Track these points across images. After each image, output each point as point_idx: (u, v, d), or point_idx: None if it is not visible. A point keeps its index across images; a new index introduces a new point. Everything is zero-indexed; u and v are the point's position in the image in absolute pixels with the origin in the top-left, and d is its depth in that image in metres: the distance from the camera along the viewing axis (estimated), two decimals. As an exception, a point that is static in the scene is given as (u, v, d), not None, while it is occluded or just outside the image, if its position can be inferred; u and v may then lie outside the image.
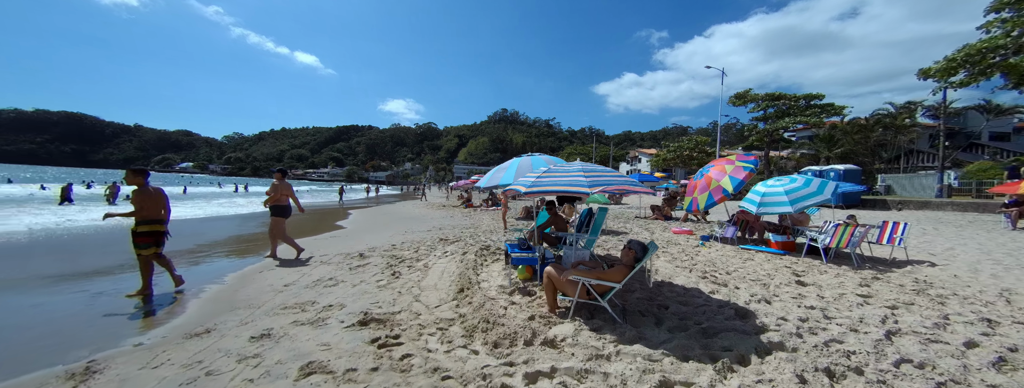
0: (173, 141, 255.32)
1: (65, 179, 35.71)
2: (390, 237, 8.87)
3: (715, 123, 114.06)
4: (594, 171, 3.60)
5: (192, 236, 8.93)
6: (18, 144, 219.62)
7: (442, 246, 7.25)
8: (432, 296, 4.06)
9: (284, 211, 6.25)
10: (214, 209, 17.01)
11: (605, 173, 3.61)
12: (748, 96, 26.74)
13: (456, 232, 9.62)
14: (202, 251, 7.16)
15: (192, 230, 10.07)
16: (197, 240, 8.41)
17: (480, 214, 15.68)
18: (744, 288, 4.06)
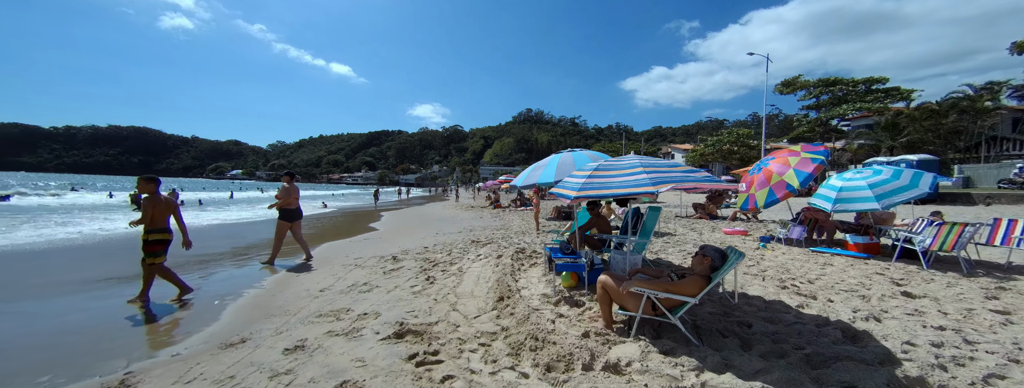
0: (224, 150, 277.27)
1: (131, 188, 39.52)
2: (422, 239, 8.74)
3: (755, 114, 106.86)
4: (656, 166, 3.08)
5: (233, 239, 9.28)
6: (95, 156, 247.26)
7: (475, 249, 6.97)
8: (470, 305, 3.75)
9: (292, 215, 6.21)
10: (253, 213, 17.92)
11: (670, 168, 3.09)
12: (797, 83, 24.54)
13: (487, 234, 9.34)
14: (243, 254, 7.33)
15: (236, 233, 10.49)
16: (237, 243, 8.69)
17: (509, 215, 15.36)
18: (840, 301, 3.40)
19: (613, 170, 3.26)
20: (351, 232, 10.88)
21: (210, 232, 10.53)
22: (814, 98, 24.43)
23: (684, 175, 2.94)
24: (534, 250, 6.35)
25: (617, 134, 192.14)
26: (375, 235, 10.19)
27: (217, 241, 8.82)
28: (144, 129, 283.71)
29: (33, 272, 5.72)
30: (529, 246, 6.88)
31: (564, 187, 3.50)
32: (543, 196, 29.42)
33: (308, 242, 9.15)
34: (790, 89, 25.01)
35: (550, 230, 9.63)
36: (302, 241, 6.35)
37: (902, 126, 27.23)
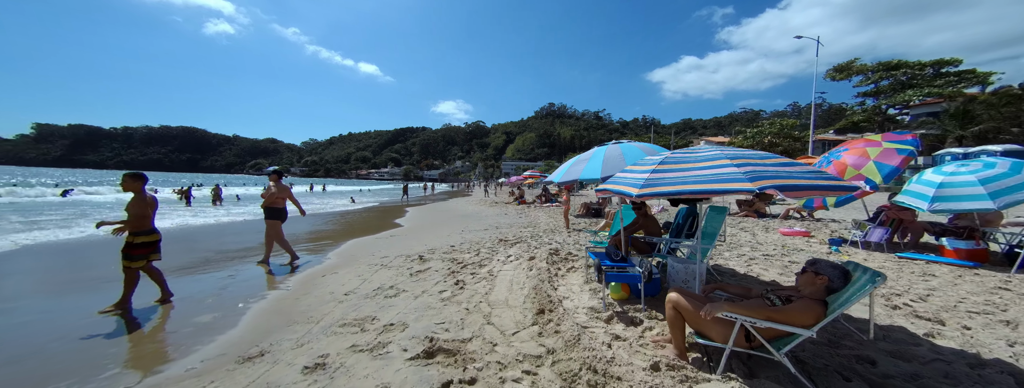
0: (262, 148, 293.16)
1: (181, 183, 42.12)
2: (448, 236, 8.43)
3: (795, 104, 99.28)
4: (749, 159, 2.45)
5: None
6: (149, 154, 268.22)
7: (503, 248, 6.54)
8: (506, 317, 3.31)
9: (280, 214, 5.80)
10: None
11: (763, 161, 2.44)
12: (853, 68, 22.23)
13: (514, 231, 8.90)
14: (274, 252, 7.27)
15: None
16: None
17: (535, 211, 14.86)
18: (979, 329, 2.68)
19: (686, 163, 2.68)
20: (377, 228, 10.77)
21: (243, 227, 10.73)
22: (873, 84, 22.04)
23: (792, 171, 2.29)
24: (570, 252, 5.83)
25: (643, 127, 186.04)
26: (401, 232, 10.00)
27: (250, 235, 8.92)
28: (191, 128, 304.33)
29: (56, 269, 5.84)
30: (562, 247, 6.37)
31: (620, 183, 2.95)
32: (570, 190, 28.65)
33: (336, 238, 9.30)
34: (844, 75, 22.69)
35: (580, 228, 9.06)
36: (270, 243, 5.85)
37: (975, 113, 24.22)
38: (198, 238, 8.68)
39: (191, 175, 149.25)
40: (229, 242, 8.04)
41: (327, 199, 25.49)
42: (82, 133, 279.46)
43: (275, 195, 5.71)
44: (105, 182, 40.80)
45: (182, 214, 13.80)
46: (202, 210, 15.54)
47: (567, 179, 4.05)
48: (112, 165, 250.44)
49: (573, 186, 22.37)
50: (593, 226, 9.50)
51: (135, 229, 3.74)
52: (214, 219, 12.34)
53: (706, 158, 2.60)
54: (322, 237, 9.10)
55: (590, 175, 3.78)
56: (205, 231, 9.78)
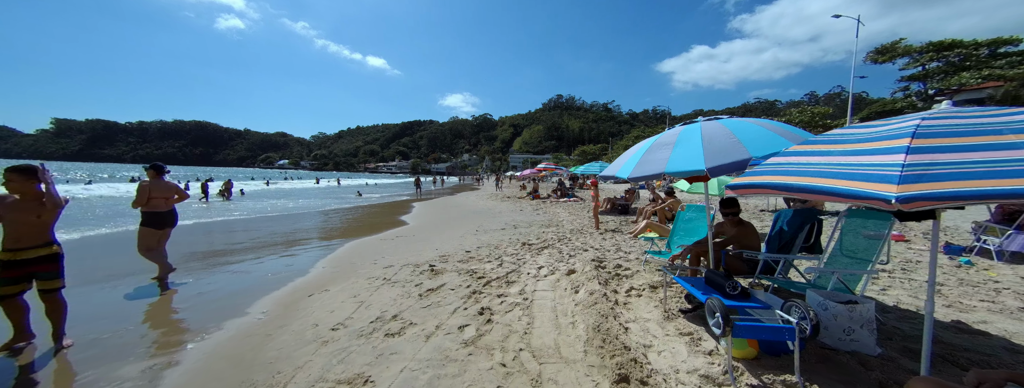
0: (273, 142, 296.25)
1: (198, 177, 41.90)
2: (461, 238, 7.33)
3: (813, 93, 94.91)
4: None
5: (253, 231, 8.39)
6: (164, 148, 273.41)
7: (530, 255, 5.42)
8: (565, 378, 2.18)
9: (158, 220, 4.49)
10: (287, 205, 17.53)
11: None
12: (898, 49, 20.26)
13: (536, 232, 7.77)
14: (255, 252, 6.27)
15: (258, 227, 9.69)
16: (256, 238, 7.74)
17: (552, 207, 13.69)
18: None
19: (839, 142, 1.47)
20: (382, 226, 9.75)
21: (232, 226, 9.80)
22: (920, 66, 20.07)
23: None
24: (619, 264, 4.66)
25: (652, 119, 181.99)
26: (407, 231, 8.95)
27: (254, 233, 7.97)
28: (204, 123, 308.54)
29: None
30: (605, 255, 5.21)
31: (768, 173, 1.76)
32: (593, 183, 27.14)
33: (335, 238, 8.30)
34: (887, 57, 20.72)
35: (612, 228, 7.88)
36: (152, 257, 4.51)
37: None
38: (196, 236, 7.75)
39: (204, 169, 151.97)
40: (230, 240, 7.08)
41: (335, 193, 24.69)
42: (99, 128, 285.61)
43: (154, 195, 4.44)
44: (117, 175, 40.89)
45: (197, 209, 13.00)
46: (215, 205, 14.78)
47: (644, 174, 2.85)
48: (129, 159, 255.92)
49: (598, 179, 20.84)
50: (627, 226, 8.32)
51: (9, 243, 2.66)
52: (223, 216, 11.46)
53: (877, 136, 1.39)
54: (320, 236, 8.10)
55: (690, 166, 2.57)
56: (212, 227, 8.86)
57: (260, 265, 5.54)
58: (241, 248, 6.78)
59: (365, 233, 8.65)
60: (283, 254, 6.31)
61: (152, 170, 4.57)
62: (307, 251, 6.62)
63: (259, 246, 6.98)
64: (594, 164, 12.09)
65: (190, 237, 7.84)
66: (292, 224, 10.14)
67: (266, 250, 6.63)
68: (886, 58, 20.57)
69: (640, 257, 5.04)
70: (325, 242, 7.56)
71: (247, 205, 15.58)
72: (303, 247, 7.00)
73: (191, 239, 7.62)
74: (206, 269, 5.26)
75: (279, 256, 6.15)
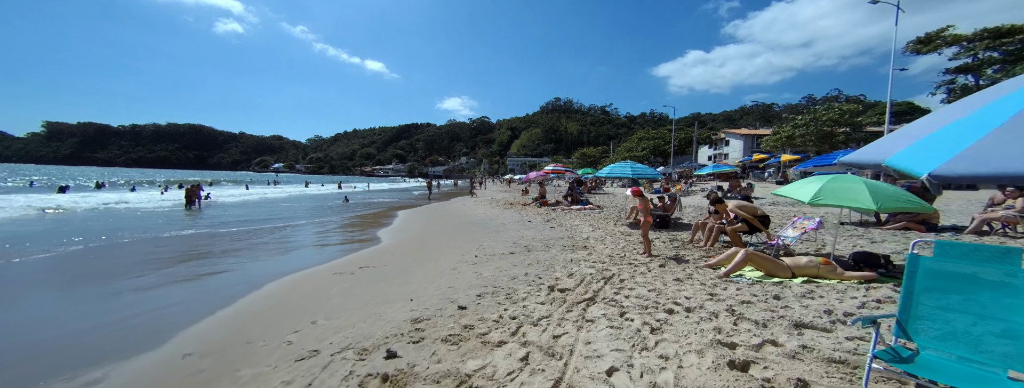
0: (268, 145, 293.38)
1: (176, 180, 39.06)
2: (452, 271, 4.94)
3: (810, 96, 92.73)
4: None
5: (191, 247, 5.94)
6: (157, 152, 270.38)
7: (573, 323, 3.04)
8: None
9: None
10: (246, 213, 15.05)
11: None
12: (945, 37, 18.15)
13: (560, 259, 5.37)
14: (137, 277, 3.84)
15: (166, 246, 7.22)
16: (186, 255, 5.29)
17: (565, 216, 11.31)
18: None
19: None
20: (349, 242, 7.35)
21: (148, 244, 7.35)
22: (971, 56, 17.93)
23: None
24: (772, 361, 2.27)
25: (649, 122, 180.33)
26: (379, 255, 6.54)
27: (134, 256, 5.54)
28: (198, 126, 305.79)
29: None
30: (717, 321, 2.82)
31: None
32: (593, 184, 24.82)
33: (276, 256, 5.39)
34: (931, 47, 18.61)
35: (672, 255, 5.49)
36: None
37: None
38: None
39: (198, 172, 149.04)
40: (111, 265, 4.61)
41: (320, 199, 22.20)
42: (92, 131, 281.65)
43: None
44: (107, 179, 38.10)
45: (156, 218, 10.47)
46: (173, 215, 12.22)
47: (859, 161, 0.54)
48: (121, 163, 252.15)
49: (674, 181, 17.94)
50: (676, 245, 5.93)
51: None
52: (169, 228, 8.94)
53: None
54: (256, 261, 5.67)
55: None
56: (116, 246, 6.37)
57: (88, 312, 3.12)
58: (123, 276, 4.34)
59: (322, 257, 6.23)
60: (159, 288, 3.88)
61: None
62: (207, 292, 4.20)
63: (152, 271, 4.54)
64: (622, 165, 9.69)
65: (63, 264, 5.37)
66: (234, 242, 7.70)
67: (147, 279, 4.20)
68: (930, 48, 18.48)
69: (855, 339, 2.66)
70: (254, 274, 5.13)
71: (210, 214, 13.11)
72: (213, 279, 4.59)
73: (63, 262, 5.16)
74: None
75: (152, 290, 3.72)
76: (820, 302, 3.28)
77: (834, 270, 3.91)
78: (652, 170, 9.81)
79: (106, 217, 11.37)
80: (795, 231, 5.17)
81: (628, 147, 67.68)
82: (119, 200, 17.05)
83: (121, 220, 10.78)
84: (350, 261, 5.94)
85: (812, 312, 3.04)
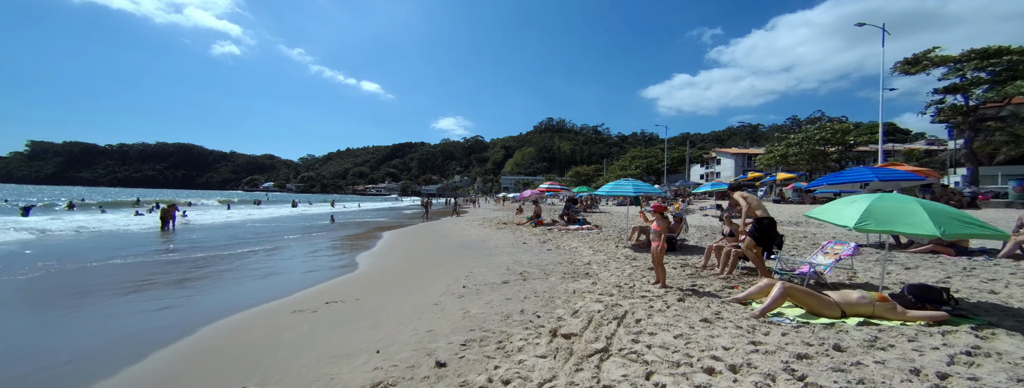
0: (259, 164, 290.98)
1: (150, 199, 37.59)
2: (434, 308, 4.17)
3: (795, 118, 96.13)
4: None
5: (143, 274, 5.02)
6: (144, 171, 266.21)
7: (580, 374, 2.30)
8: None
9: None
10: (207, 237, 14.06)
11: None
12: (931, 58, 18.58)
13: (560, 289, 4.63)
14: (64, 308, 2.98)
15: (117, 273, 6.30)
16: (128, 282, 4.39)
17: (563, 238, 10.61)
18: None
19: None
20: (319, 275, 6.50)
21: (106, 272, 6.42)
22: (958, 77, 18.29)
23: None
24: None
25: (641, 142, 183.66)
26: (351, 287, 5.73)
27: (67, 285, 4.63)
28: (188, 145, 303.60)
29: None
30: (767, 379, 2.11)
31: None
32: (590, 203, 23.93)
33: (232, 293, 4.17)
34: (918, 68, 19.01)
35: (688, 287, 4.79)
36: None
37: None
38: None
39: (186, 192, 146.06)
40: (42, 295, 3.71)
41: (305, 219, 21.21)
42: (77, 150, 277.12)
43: None
44: (87, 199, 36.41)
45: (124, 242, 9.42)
46: (145, 237, 11.15)
47: None
48: (106, 182, 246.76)
49: (670, 199, 16.46)
50: (689, 273, 5.24)
51: None
52: (131, 251, 7.94)
53: None
54: (210, 288, 4.80)
55: None
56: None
57: None
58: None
59: (285, 288, 5.38)
60: (66, 332, 3.02)
61: None
62: (120, 340, 3.35)
63: (73, 308, 3.66)
64: (623, 183, 9.12)
65: None
66: (193, 269, 6.79)
67: (58, 319, 3.33)
68: (918, 69, 18.88)
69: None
70: (195, 312, 4.28)
71: (183, 237, 12.12)
72: (140, 319, 3.73)
73: None
74: None
75: (57, 335, 2.86)
76: (896, 355, 2.59)
77: (893, 309, 3.25)
78: (655, 188, 9.26)
79: (68, 242, 10.34)
80: (827, 257, 4.54)
81: (622, 165, 68.05)
82: (89, 222, 15.93)
83: (81, 245, 9.77)
84: (316, 294, 5.11)
85: (896, 372, 2.34)
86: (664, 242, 4.74)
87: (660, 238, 4.76)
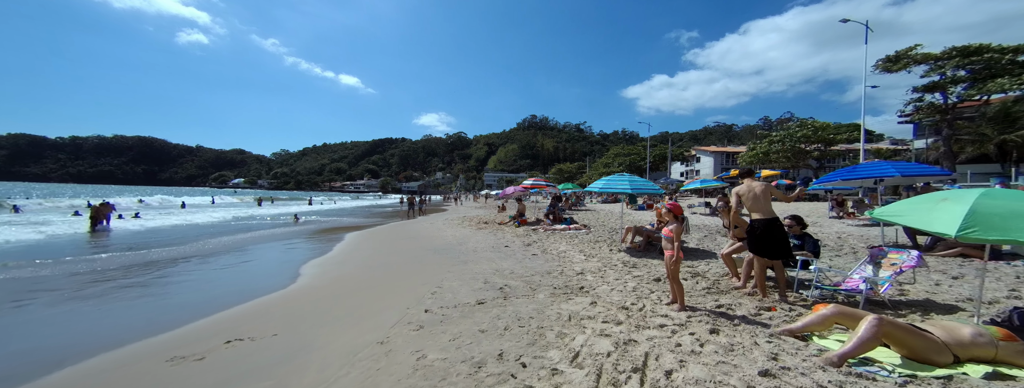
0: (228, 159, 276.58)
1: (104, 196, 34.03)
2: (378, 348, 2.96)
3: (766, 118, 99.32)
4: None
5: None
6: (100, 166, 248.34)
7: None
8: None
9: None
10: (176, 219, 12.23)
11: None
12: (913, 56, 18.62)
13: (551, 311, 3.51)
14: None
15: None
16: None
17: (549, 240, 9.54)
18: None
19: None
20: (244, 287, 5.12)
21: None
22: (939, 74, 18.40)
23: None
24: None
25: (622, 140, 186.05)
26: (281, 304, 4.41)
27: None
28: (149, 139, 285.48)
29: None
30: None
31: None
32: (608, 198, 23.04)
33: (111, 313, 2.99)
34: (900, 65, 19.06)
35: (713, 307, 3.78)
36: None
37: (1017, 115, 20.96)
38: None
39: (148, 188, 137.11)
40: None
41: (265, 218, 19.24)
42: (23, 143, 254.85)
43: None
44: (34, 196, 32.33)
45: None
46: (70, 240, 9.11)
47: None
48: (56, 178, 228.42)
49: (670, 195, 14.67)
50: (716, 292, 4.24)
51: None
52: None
53: None
54: (48, 326, 3.39)
55: None
56: None
57: None
58: None
59: (181, 315, 3.98)
60: None
61: None
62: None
63: None
64: (619, 178, 8.08)
65: None
66: (84, 286, 5.22)
67: None
68: (899, 66, 18.95)
69: None
70: (28, 361, 2.88)
71: (109, 240, 10.21)
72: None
73: None
74: None
75: None
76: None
77: (1022, 351, 2.29)
78: (653, 185, 8.27)
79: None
80: (885, 270, 3.61)
81: (605, 163, 68.03)
82: (8, 222, 13.60)
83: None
84: (221, 324, 3.76)
85: None
86: (680, 253, 3.70)
87: (674, 245, 3.72)
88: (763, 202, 3.85)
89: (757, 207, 3.85)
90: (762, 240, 3.75)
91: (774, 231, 3.77)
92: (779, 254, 3.80)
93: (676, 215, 3.71)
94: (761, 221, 3.79)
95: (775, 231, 3.77)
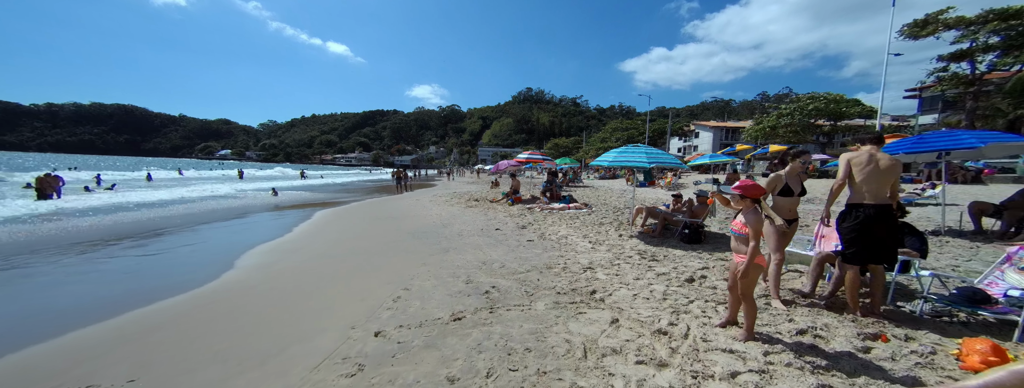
0: (214, 130, 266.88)
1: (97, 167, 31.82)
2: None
3: (764, 94, 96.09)
4: None
5: None
6: (79, 135, 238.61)
7: None
8: None
9: None
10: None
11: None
12: (943, 21, 16.82)
13: (547, 334, 2.36)
14: None
15: None
16: None
17: (547, 221, 8.40)
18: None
19: None
20: (178, 286, 3.91)
21: None
22: (970, 41, 16.74)
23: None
24: None
25: (619, 115, 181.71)
26: (185, 312, 3.25)
27: None
28: (130, 107, 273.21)
29: None
30: None
31: None
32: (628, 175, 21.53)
33: None
34: (928, 31, 17.29)
35: (797, 329, 2.65)
36: None
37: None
38: None
39: (133, 159, 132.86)
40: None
41: (243, 193, 17.74)
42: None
43: None
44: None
45: None
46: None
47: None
48: (34, 147, 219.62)
49: (676, 172, 12.52)
50: (786, 310, 3.12)
51: None
52: None
53: None
54: None
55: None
56: None
57: None
58: None
59: (29, 337, 2.74)
60: None
61: None
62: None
63: None
64: (634, 149, 6.71)
65: None
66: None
67: None
68: (927, 32, 17.20)
69: None
70: None
71: (52, 216, 8.77)
72: None
73: None
74: None
75: None
76: None
77: None
78: (673, 157, 6.98)
79: None
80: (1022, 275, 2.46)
81: (602, 137, 66.17)
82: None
83: None
84: (70, 350, 2.54)
85: None
86: (761, 258, 2.42)
87: (754, 245, 2.41)
88: (884, 182, 2.62)
89: (874, 187, 2.62)
90: (870, 235, 2.56)
91: (889, 223, 2.57)
92: (889, 256, 2.63)
93: (754, 198, 2.41)
94: (872, 208, 2.58)
95: (890, 223, 2.57)
